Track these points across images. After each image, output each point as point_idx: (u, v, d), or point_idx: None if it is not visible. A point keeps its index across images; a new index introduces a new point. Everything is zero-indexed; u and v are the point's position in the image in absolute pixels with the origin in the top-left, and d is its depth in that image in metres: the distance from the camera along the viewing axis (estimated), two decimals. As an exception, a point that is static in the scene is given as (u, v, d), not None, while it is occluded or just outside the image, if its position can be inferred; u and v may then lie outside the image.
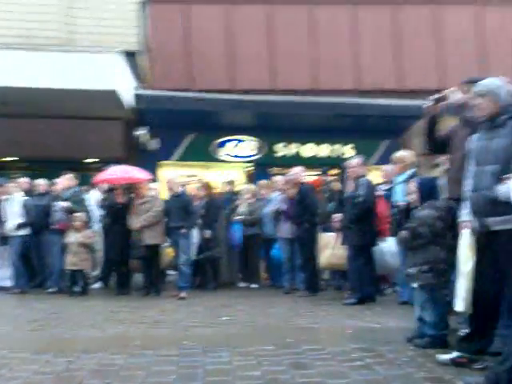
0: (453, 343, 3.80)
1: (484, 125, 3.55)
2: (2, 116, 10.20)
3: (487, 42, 11.81)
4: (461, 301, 3.51)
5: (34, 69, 8.97)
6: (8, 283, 7.80)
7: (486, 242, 3.46)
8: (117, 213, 7.61)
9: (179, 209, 7.35)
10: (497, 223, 3.33)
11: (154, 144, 11.22)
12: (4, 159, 11.34)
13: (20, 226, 7.83)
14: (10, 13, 10.84)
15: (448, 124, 4.46)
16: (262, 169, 11.30)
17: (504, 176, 3.21)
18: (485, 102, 3.50)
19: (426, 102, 4.34)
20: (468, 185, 3.60)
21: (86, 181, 9.17)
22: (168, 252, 7.63)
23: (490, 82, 3.57)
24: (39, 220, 7.90)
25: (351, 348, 4.07)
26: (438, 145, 4.47)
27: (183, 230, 7.26)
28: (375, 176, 7.90)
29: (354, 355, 3.84)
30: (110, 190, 8.07)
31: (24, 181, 8.53)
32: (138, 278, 7.99)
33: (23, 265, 7.85)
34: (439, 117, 4.37)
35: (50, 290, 7.72)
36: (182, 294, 7.08)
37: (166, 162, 11.43)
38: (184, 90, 10.92)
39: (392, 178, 6.67)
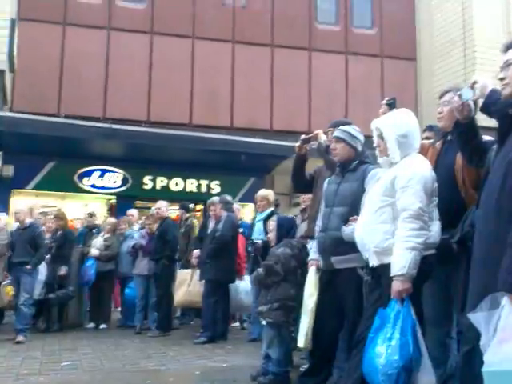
0: (295, 379, 3.84)
1: (338, 168, 3.76)
2: None
3: (353, 89, 12.72)
4: (302, 337, 3.62)
5: None
6: None
7: (328, 279, 3.58)
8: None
9: (26, 242, 6.67)
10: (340, 262, 3.50)
11: (7, 170, 10.35)
12: None
13: None
14: None
15: (315, 165, 4.59)
16: (127, 201, 10.90)
17: (350, 218, 3.33)
18: (340, 147, 3.71)
19: (296, 143, 4.45)
20: (318, 225, 3.72)
21: None
22: (8, 290, 6.83)
23: (346, 129, 3.79)
24: None
25: (198, 390, 3.93)
26: (303, 184, 4.61)
27: (28, 266, 6.60)
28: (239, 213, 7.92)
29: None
30: None
31: None
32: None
33: None
34: (307, 157, 4.49)
35: None
36: (20, 338, 6.34)
37: (21, 190, 10.62)
38: (50, 114, 10.33)
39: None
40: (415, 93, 13.10)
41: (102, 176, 11.18)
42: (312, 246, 3.92)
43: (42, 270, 7.13)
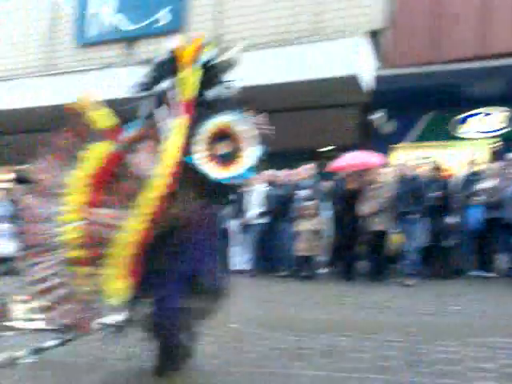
0: None
1: None
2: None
3: None
4: None
5: (281, 64, 9.93)
6: (246, 267, 8.87)
7: None
8: (347, 199, 7.93)
9: (410, 193, 7.32)
10: None
11: (389, 127, 11.26)
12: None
13: (261, 215, 8.76)
14: (263, 12, 11.83)
15: None
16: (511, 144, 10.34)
17: None
18: None
19: None
20: None
21: (322, 169, 9.67)
22: (396, 238, 7.66)
23: None
24: (278, 209, 8.66)
25: None
26: None
27: (413, 216, 7.22)
28: None
29: None
30: (342, 177, 8.44)
31: (267, 173, 9.39)
32: (363, 263, 8.22)
33: (260, 250, 8.79)
34: None
35: (282, 273, 8.47)
36: (409, 282, 7.09)
37: (400, 144, 11.36)
38: (427, 63, 10.59)
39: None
40: None
41: (482, 119, 10.96)
42: None
43: (426, 219, 7.62)
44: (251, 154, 3.07)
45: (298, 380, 3.21)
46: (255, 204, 8.88)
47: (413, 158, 9.25)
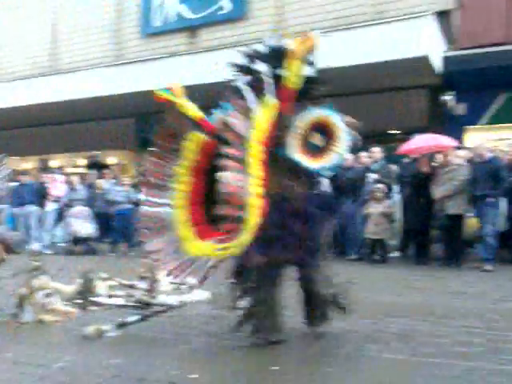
0: None
1: None
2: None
3: None
4: None
5: (347, 47, 9.67)
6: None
7: None
8: (419, 182, 7.75)
9: (487, 176, 7.07)
10: None
11: (460, 109, 10.91)
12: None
13: (328, 198, 8.67)
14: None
15: None
16: None
17: None
18: None
19: None
20: None
21: (391, 152, 9.46)
22: (472, 222, 7.41)
23: None
24: (347, 192, 8.50)
25: None
26: None
27: (490, 199, 6.96)
28: None
29: None
30: (413, 160, 8.26)
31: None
32: (436, 248, 8.01)
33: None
34: None
35: (351, 257, 8.41)
36: (487, 267, 6.89)
37: (473, 126, 10.97)
38: (500, 43, 10.18)
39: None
40: None
41: None
42: None
43: (504, 203, 7.34)
44: (342, 148, 3.30)
45: (375, 363, 3.16)
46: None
47: (487, 139, 8.89)
